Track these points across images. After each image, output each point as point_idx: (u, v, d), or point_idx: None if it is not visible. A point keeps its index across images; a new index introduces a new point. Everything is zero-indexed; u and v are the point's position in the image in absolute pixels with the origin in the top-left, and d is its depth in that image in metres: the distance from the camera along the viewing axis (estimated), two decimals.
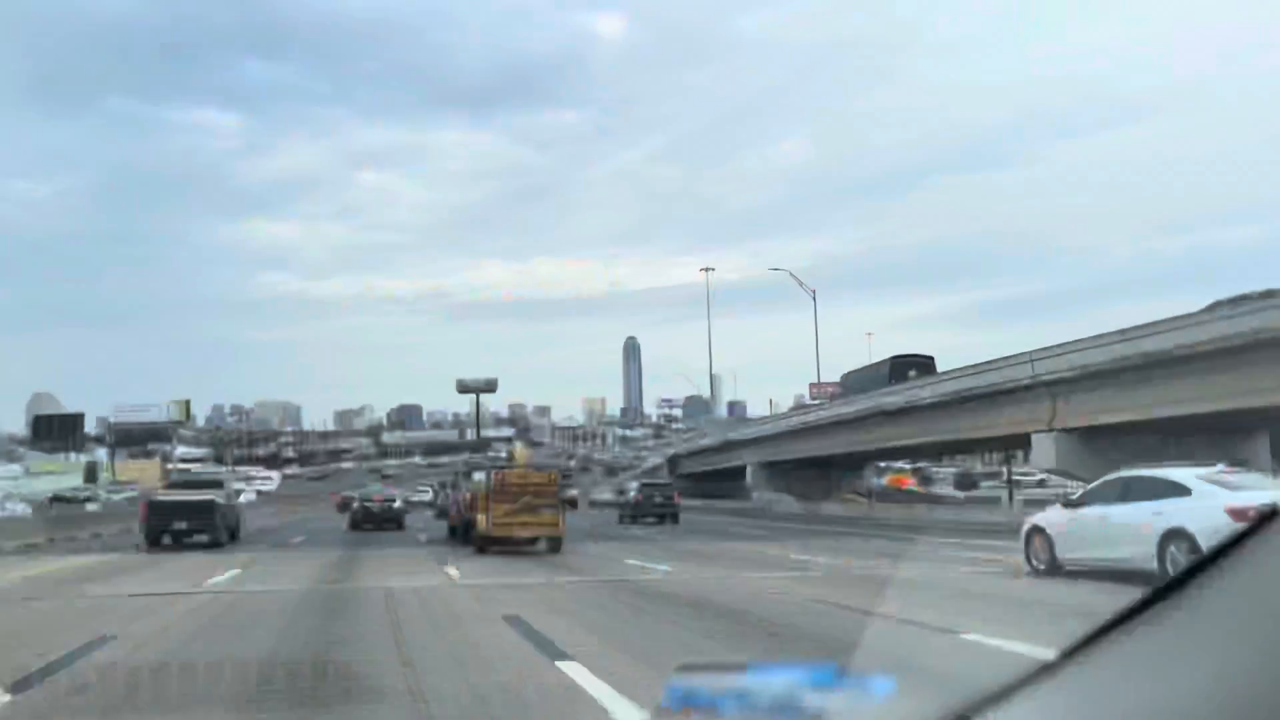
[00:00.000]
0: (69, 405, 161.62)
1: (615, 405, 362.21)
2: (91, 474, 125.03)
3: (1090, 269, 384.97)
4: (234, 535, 27.89)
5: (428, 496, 63.04)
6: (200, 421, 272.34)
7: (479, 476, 25.44)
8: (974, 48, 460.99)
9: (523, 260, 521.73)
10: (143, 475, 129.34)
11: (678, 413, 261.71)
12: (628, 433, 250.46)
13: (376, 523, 35.95)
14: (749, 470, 53.74)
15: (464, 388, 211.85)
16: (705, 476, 71.98)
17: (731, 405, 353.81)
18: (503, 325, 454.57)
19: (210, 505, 25.65)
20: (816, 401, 63.28)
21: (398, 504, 38.22)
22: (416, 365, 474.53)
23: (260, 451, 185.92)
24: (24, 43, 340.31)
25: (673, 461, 77.49)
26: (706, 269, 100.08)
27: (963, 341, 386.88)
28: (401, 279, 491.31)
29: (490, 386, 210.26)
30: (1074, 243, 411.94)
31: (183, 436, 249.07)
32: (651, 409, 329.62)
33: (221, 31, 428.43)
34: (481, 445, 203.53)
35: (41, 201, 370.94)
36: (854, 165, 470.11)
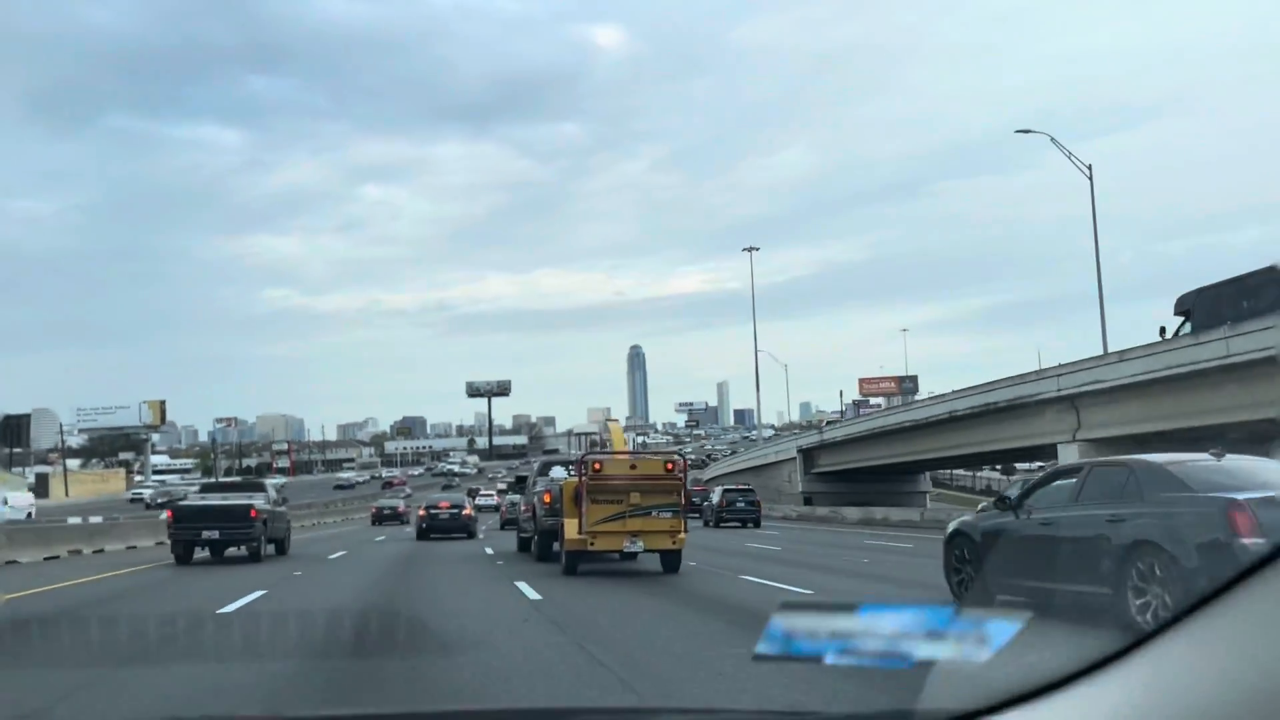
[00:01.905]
0: (68, 423, 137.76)
1: (620, 414, 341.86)
2: (43, 488, 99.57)
3: (1094, 273, 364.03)
4: (281, 548, 23.14)
5: (492, 500, 58.86)
6: (202, 435, 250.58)
7: (558, 472, 19.61)
8: (975, 54, 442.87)
9: (525, 272, 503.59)
10: (104, 488, 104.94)
11: (678, 419, 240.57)
12: (646, 439, 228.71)
13: (445, 532, 32.56)
14: (1072, 452, 28.86)
15: (474, 391, 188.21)
16: (862, 475, 47.84)
17: (739, 413, 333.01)
18: (506, 337, 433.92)
19: (248, 511, 20.64)
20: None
21: (466, 511, 34.06)
22: (420, 378, 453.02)
23: (252, 462, 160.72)
24: (25, 62, 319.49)
25: (808, 455, 53.14)
26: (750, 248, 75.63)
27: (968, 348, 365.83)
28: (404, 292, 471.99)
29: (503, 389, 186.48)
30: (1077, 247, 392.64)
31: (174, 449, 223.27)
32: (657, 418, 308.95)
33: (222, 48, 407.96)
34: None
35: (43, 219, 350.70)
36: (855, 173, 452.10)
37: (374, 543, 30.22)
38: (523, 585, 13.81)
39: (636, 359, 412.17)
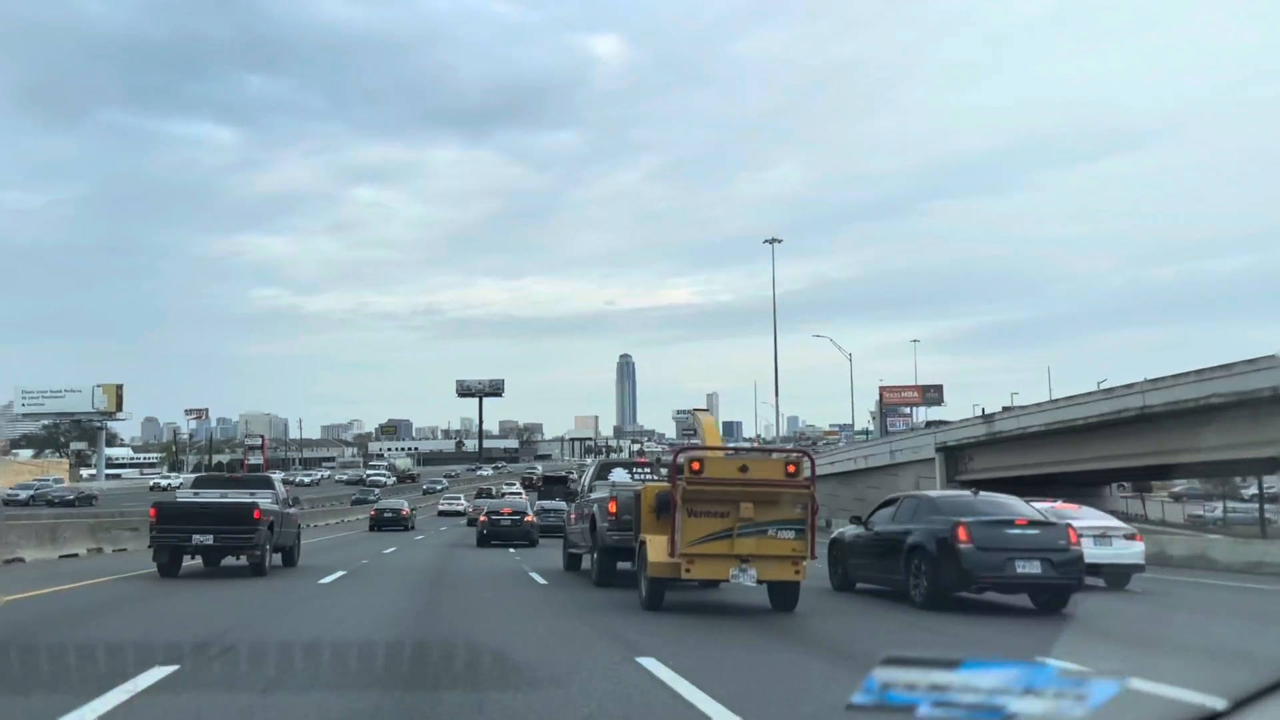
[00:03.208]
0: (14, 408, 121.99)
1: (608, 424, 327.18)
2: None
3: (1084, 296, 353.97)
4: (290, 558, 19.04)
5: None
6: (184, 432, 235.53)
7: (619, 475, 17.83)
8: (972, 75, 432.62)
9: (516, 278, 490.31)
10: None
11: (667, 429, 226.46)
12: (648, 446, 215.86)
13: (505, 539, 29.86)
14: None
15: (465, 390, 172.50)
16: (1028, 485, 33.06)
17: (727, 425, 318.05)
18: (495, 343, 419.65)
19: (250, 512, 16.40)
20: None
21: (529, 518, 30.94)
22: (408, 381, 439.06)
23: (224, 458, 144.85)
24: (21, 53, 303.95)
25: (954, 456, 38.53)
26: (772, 240, 61.66)
27: (955, 368, 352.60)
28: (394, 295, 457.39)
29: (495, 389, 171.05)
30: (1068, 269, 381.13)
31: (150, 444, 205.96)
32: (652, 427, 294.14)
33: (220, 46, 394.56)
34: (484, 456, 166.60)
35: (34, 211, 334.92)
36: (850, 189, 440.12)
37: (379, 556, 23.91)
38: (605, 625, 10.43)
39: (626, 368, 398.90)
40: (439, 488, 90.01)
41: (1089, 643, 9.80)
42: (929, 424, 58.43)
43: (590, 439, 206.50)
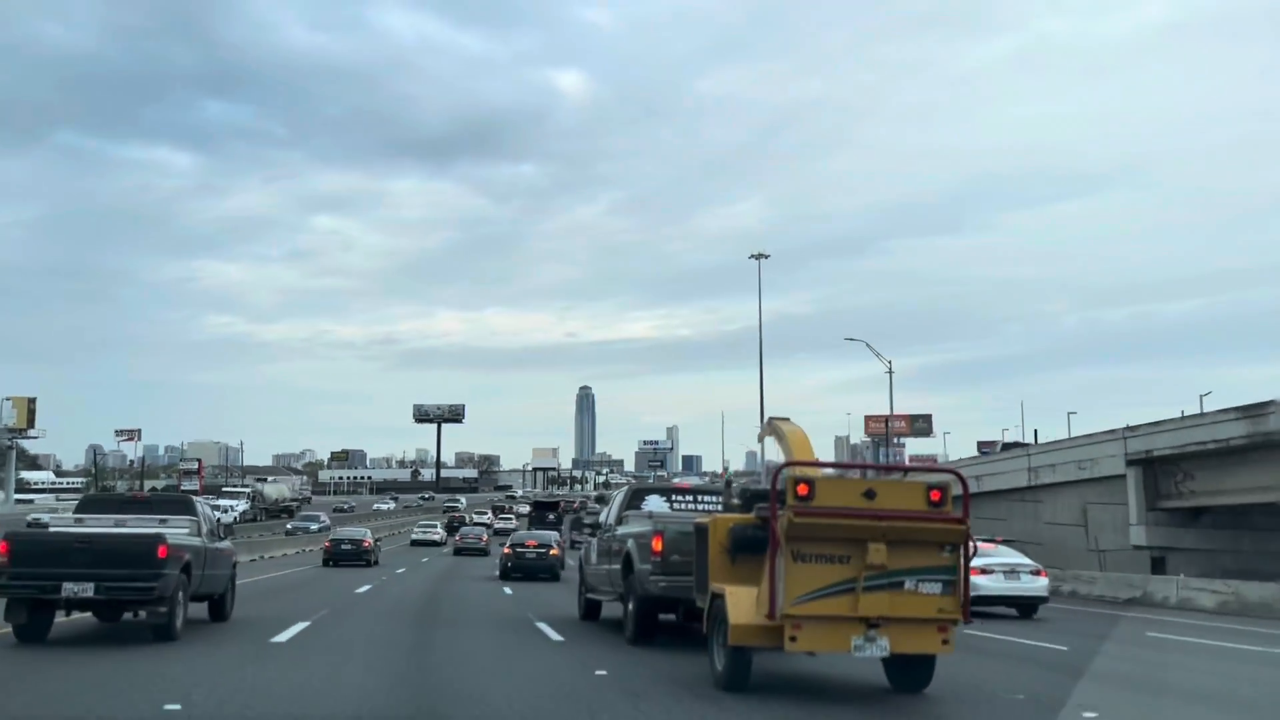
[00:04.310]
0: None
1: (567, 456, 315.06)
2: None
3: (1037, 336, 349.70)
4: (219, 610, 14.29)
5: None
6: (128, 457, 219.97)
7: (654, 503, 14.31)
8: (933, 117, 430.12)
9: (476, 310, 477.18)
10: None
11: (624, 459, 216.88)
12: (614, 476, 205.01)
13: (530, 572, 28.48)
14: None
15: (422, 415, 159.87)
16: (1257, 516, 22.15)
17: (687, 459, 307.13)
18: (453, 374, 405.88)
19: (153, 548, 11.38)
20: None
21: (554, 551, 29.55)
22: (364, 411, 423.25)
23: (159, 484, 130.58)
24: None
25: (1157, 473, 27.02)
26: (759, 255, 51.50)
27: (916, 404, 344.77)
28: (352, 325, 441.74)
29: (455, 414, 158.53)
30: (1022, 310, 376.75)
31: (81, 469, 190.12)
32: (619, 458, 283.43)
33: (180, 71, 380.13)
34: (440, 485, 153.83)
35: None
36: (811, 226, 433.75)
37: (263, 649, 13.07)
38: None
39: (585, 401, 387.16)
40: (313, 527, 60.80)
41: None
42: (1004, 446, 47.37)
43: (554, 469, 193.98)
